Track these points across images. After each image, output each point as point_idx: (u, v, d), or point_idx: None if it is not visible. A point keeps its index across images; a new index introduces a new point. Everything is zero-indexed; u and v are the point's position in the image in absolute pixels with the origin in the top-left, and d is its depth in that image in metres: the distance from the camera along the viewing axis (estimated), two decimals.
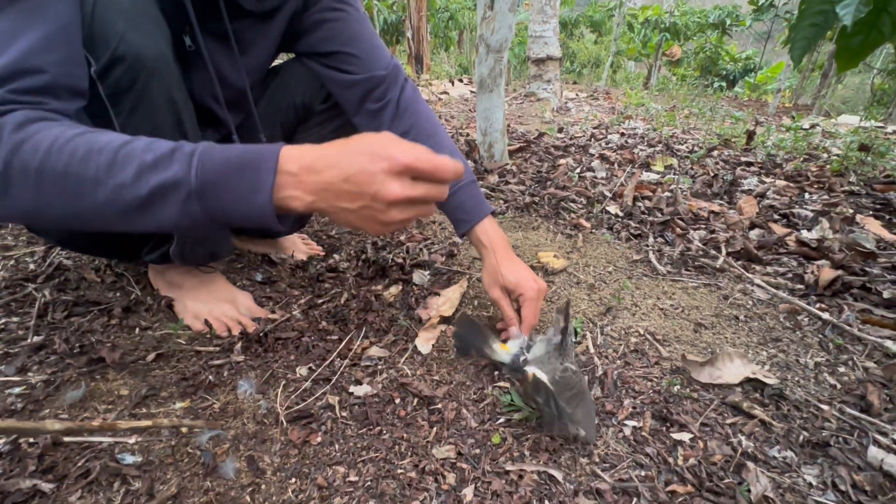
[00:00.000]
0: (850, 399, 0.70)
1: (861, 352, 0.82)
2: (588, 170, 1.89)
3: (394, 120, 0.91)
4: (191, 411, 0.71)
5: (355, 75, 0.89)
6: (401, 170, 0.47)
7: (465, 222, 0.89)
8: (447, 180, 0.50)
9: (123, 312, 0.93)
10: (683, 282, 1.04)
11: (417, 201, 0.49)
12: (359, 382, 0.79)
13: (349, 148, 0.49)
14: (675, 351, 0.81)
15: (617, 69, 10.90)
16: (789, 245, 1.21)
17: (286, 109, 0.97)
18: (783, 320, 0.91)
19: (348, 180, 0.47)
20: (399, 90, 0.92)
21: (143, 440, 0.65)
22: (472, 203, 0.89)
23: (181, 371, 0.80)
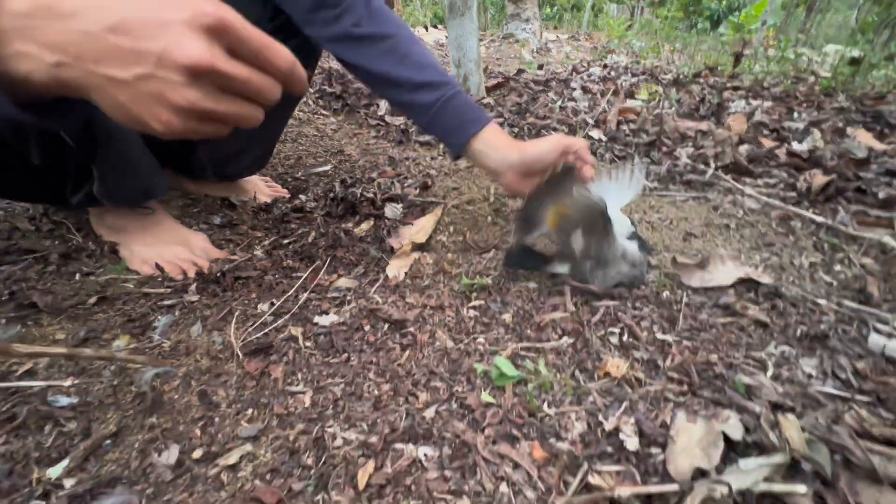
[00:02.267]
0: (848, 293, 0.66)
1: (857, 250, 0.77)
2: (570, 100, 1.79)
3: (360, 25, 0.75)
4: (136, 352, 0.64)
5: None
6: (211, 24, 0.32)
7: (474, 123, 0.75)
8: (279, 69, 0.37)
9: (61, 259, 0.84)
10: (671, 196, 0.98)
11: (233, 86, 0.35)
12: (325, 313, 0.72)
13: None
14: (664, 259, 0.75)
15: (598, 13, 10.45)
16: (780, 157, 1.15)
17: None
18: (776, 226, 0.86)
19: (118, 29, 0.31)
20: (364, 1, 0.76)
21: (81, 382, 0.58)
22: (475, 108, 0.77)
23: (127, 313, 0.72)
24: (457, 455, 0.46)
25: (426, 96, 0.76)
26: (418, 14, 9.07)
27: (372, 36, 0.76)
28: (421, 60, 0.77)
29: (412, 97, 0.77)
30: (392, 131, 1.63)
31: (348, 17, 0.75)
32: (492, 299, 0.72)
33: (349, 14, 0.75)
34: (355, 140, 1.58)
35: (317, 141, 1.56)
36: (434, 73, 0.77)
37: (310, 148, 1.50)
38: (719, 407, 0.48)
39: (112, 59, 0.32)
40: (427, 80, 0.76)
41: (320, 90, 2.07)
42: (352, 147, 1.50)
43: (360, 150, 1.47)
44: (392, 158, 1.37)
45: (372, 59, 0.76)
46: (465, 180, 1.14)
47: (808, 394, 0.49)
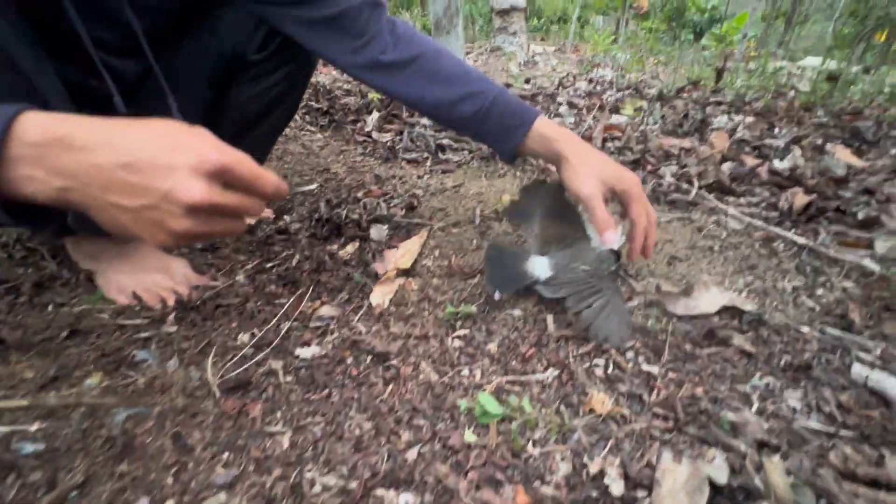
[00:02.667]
0: (830, 319, 0.66)
1: (838, 273, 0.78)
2: (556, 116, 1.80)
3: (385, 52, 0.74)
4: (109, 390, 0.62)
5: (325, 11, 0.71)
6: (213, 170, 0.38)
7: (519, 127, 0.73)
8: (267, 196, 0.42)
9: (34, 289, 0.81)
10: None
11: (227, 212, 0.40)
12: (306, 344, 0.70)
13: (137, 126, 0.38)
14: (648, 285, 0.75)
15: (585, 24, 10.64)
16: (762, 175, 1.17)
17: (214, 59, 0.81)
18: (759, 248, 0.87)
19: (130, 167, 0.36)
20: (385, 20, 0.74)
21: (49, 426, 0.55)
22: (517, 105, 0.75)
23: (101, 348, 0.70)
24: (439, 502, 0.45)
25: (464, 109, 0.74)
26: None
27: (398, 62, 0.74)
28: (450, 74, 0.75)
29: (451, 114, 0.76)
30: (379, 148, 1.62)
31: (374, 46, 0.73)
32: (477, 328, 0.71)
33: (374, 43, 0.73)
34: (342, 157, 1.57)
35: (303, 159, 1.55)
36: (465, 83, 0.74)
37: (295, 166, 1.49)
38: (705, 445, 0.48)
39: (120, 191, 0.36)
40: (460, 94, 0.74)
41: (307, 106, 2.06)
42: (338, 165, 1.49)
43: (347, 168, 1.46)
44: (378, 177, 1.36)
45: (402, 85, 0.75)
46: (451, 201, 1.14)
47: (793, 430, 0.49)
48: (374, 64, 0.74)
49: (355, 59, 0.74)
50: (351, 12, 0.71)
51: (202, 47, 0.80)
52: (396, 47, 0.74)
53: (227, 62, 0.82)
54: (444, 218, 1.05)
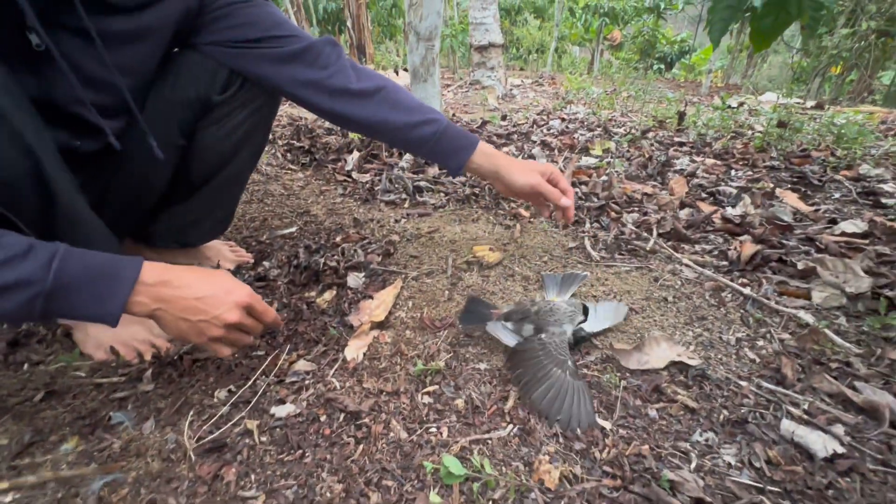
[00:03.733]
0: (766, 373, 0.73)
1: (778, 324, 0.85)
2: (529, 157, 1.89)
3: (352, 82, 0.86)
4: (85, 455, 0.63)
5: (290, 47, 0.83)
6: (245, 305, 0.66)
7: (467, 148, 0.92)
8: (268, 324, 0.71)
9: (9, 347, 0.82)
10: (616, 266, 1.05)
11: (243, 329, 0.67)
12: (282, 402, 0.73)
13: (206, 276, 0.64)
14: (604, 339, 0.81)
15: (562, 54, 11.10)
16: (715, 222, 1.26)
17: (181, 106, 0.86)
18: (709, 298, 0.94)
19: (201, 300, 0.62)
20: (346, 58, 0.89)
21: (23, 497, 0.57)
22: (463, 135, 0.93)
23: (77, 409, 0.71)
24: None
25: (424, 132, 0.89)
26: (392, 55, 9.39)
27: (366, 90, 0.86)
28: (410, 104, 0.90)
29: (411, 135, 0.90)
30: (359, 189, 1.67)
31: (341, 76, 0.85)
32: (446, 383, 0.75)
33: (341, 74, 0.85)
34: (322, 198, 1.62)
35: (283, 200, 1.59)
36: (423, 112, 0.90)
37: (276, 208, 1.52)
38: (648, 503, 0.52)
39: (191, 311, 0.62)
40: (420, 119, 0.89)
41: (289, 144, 2.11)
42: (318, 207, 1.54)
43: (326, 211, 1.51)
44: (357, 220, 1.41)
45: (369, 111, 0.88)
46: (425, 248, 1.19)
47: (726, 486, 0.54)
48: (344, 91, 0.86)
49: (321, 89, 0.85)
50: (315, 47, 0.84)
51: (169, 96, 0.86)
52: (361, 79, 0.87)
53: (192, 107, 0.88)
54: (418, 266, 1.09)
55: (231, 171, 1.01)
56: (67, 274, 0.52)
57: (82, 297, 0.53)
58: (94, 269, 0.54)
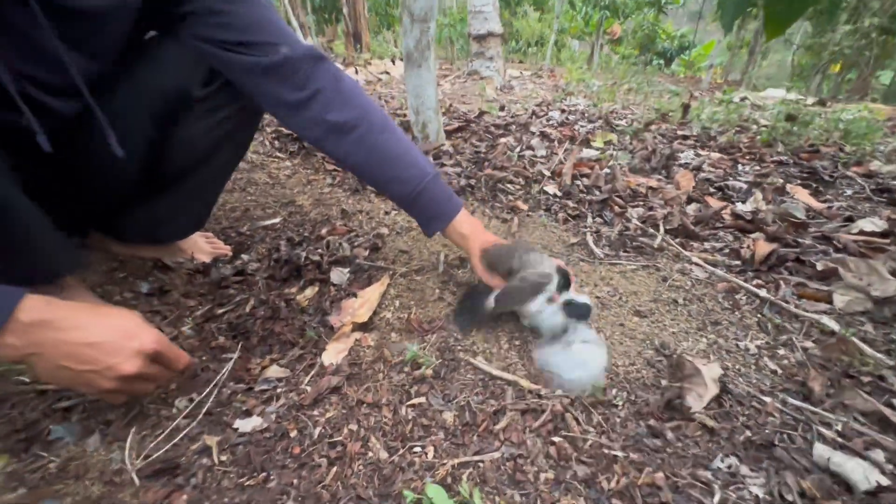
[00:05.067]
0: (791, 386, 0.65)
1: (799, 330, 0.78)
2: (528, 148, 1.81)
3: (329, 110, 0.74)
4: (14, 477, 0.55)
5: (264, 58, 0.70)
6: (150, 352, 0.55)
7: (438, 219, 0.81)
8: (177, 368, 0.60)
9: None
10: (622, 265, 0.97)
11: (148, 379, 0.57)
12: (248, 414, 0.65)
13: (101, 316, 0.54)
14: (612, 346, 0.73)
15: (561, 48, 10.97)
16: (725, 219, 1.18)
17: (154, 95, 0.77)
18: (722, 300, 0.86)
19: (93, 346, 0.52)
20: (329, 76, 0.75)
21: None
22: (442, 197, 0.81)
23: (14, 421, 0.62)
24: None
25: (393, 191, 0.80)
26: (390, 46, 9.21)
27: (343, 124, 0.75)
28: (387, 154, 0.78)
29: (380, 190, 0.83)
30: (348, 178, 1.58)
31: (318, 102, 0.74)
32: (433, 393, 0.67)
33: (319, 97, 0.74)
34: (309, 188, 1.53)
35: (267, 189, 1.50)
36: (399, 168, 0.78)
37: (259, 198, 1.43)
38: None
39: (74, 360, 0.51)
40: (391, 177, 0.79)
41: (277, 131, 2.01)
42: (304, 197, 1.45)
43: (313, 201, 1.42)
44: (345, 211, 1.32)
45: (344, 149, 0.77)
46: (416, 242, 1.11)
47: None
48: (317, 121, 0.75)
49: (298, 112, 0.74)
50: (291, 62, 0.71)
51: (143, 84, 0.76)
52: (343, 107, 0.74)
53: (169, 99, 0.78)
54: (408, 262, 1.01)
55: (209, 169, 0.92)
56: None
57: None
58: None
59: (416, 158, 0.79)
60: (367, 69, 4.29)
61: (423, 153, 1.70)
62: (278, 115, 0.76)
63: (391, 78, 4.21)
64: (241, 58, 0.70)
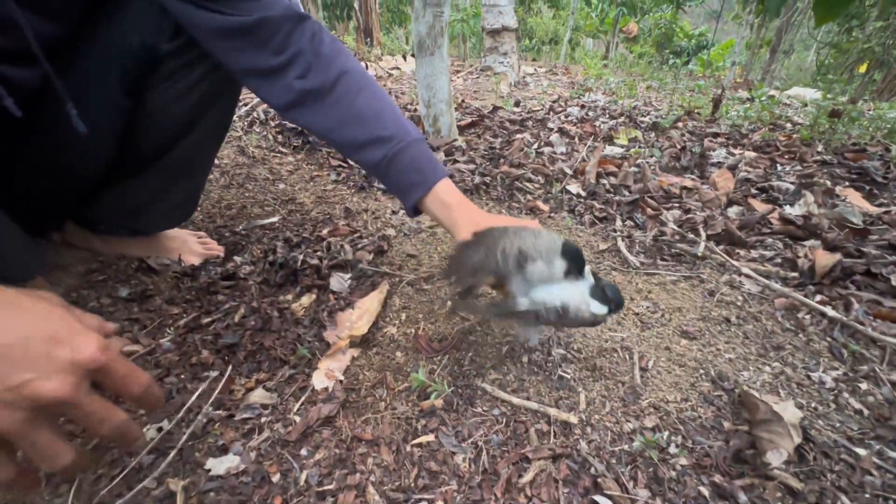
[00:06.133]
0: (886, 433, 0.53)
1: (881, 358, 0.65)
2: (546, 144, 1.69)
3: (308, 75, 0.64)
4: None
5: (237, 16, 0.60)
6: (88, 366, 0.34)
7: (419, 185, 0.66)
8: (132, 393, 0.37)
9: None
10: (660, 275, 0.85)
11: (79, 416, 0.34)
12: (224, 450, 0.55)
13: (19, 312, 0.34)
14: (658, 375, 0.61)
15: (575, 46, 10.79)
16: (773, 224, 1.05)
17: (120, 56, 0.67)
18: (781, 319, 0.74)
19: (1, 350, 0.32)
20: (310, 36, 0.65)
21: None
22: (425, 162, 0.67)
23: None
24: None
25: (368, 156, 0.67)
26: (401, 42, 9.12)
27: (319, 88, 0.65)
28: (363, 113, 0.67)
29: (357, 156, 0.68)
30: (354, 174, 1.48)
31: (294, 67, 0.64)
32: (444, 431, 0.56)
33: (296, 63, 0.64)
34: (311, 185, 1.43)
35: (267, 186, 1.40)
36: (375, 128, 0.66)
37: (257, 195, 1.33)
38: None
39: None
40: (368, 137, 0.66)
41: (280, 124, 1.91)
42: (306, 194, 1.35)
43: (315, 199, 1.32)
44: (349, 210, 1.22)
45: (319, 115, 0.66)
46: (425, 245, 1.00)
47: None
48: (293, 88, 0.64)
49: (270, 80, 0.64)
50: (269, 23, 0.61)
51: (105, 44, 0.66)
52: (317, 71, 0.65)
53: (136, 58, 0.68)
54: (416, 268, 0.90)
55: (190, 142, 0.82)
56: None
57: None
58: None
59: (397, 119, 0.68)
60: (377, 64, 4.20)
61: (435, 149, 1.60)
62: (248, 82, 0.66)
63: (402, 73, 4.11)
64: (210, 15, 0.60)
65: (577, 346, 0.66)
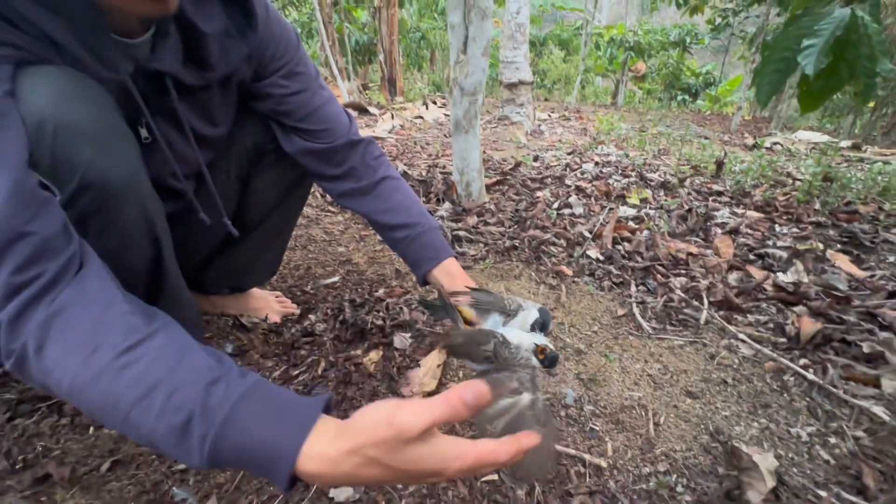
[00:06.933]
0: (845, 479, 0.69)
1: (849, 416, 0.81)
2: (566, 206, 1.90)
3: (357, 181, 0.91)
4: None
5: (313, 144, 0.87)
6: (466, 473, 0.43)
7: (431, 259, 0.88)
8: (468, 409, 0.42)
9: (75, 409, 0.85)
10: (669, 339, 1.03)
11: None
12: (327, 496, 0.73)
13: (392, 468, 0.41)
14: (668, 429, 0.78)
15: (586, 85, 11.22)
16: (767, 290, 1.22)
17: (238, 156, 0.92)
18: (770, 381, 0.91)
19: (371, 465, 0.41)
20: (359, 155, 0.91)
21: None
22: (439, 244, 0.89)
23: (140, 482, 0.72)
24: None
25: (396, 235, 0.91)
26: (419, 84, 9.65)
27: (365, 188, 0.91)
28: (396, 205, 0.92)
29: (386, 234, 0.93)
30: None
31: (349, 176, 0.91)
32: (504, 471, 0.73)
33: (351, 174, 0.90)
34: (362, 245, 1.64)
35: (325, 247, 1.62)
36: (404, 217, 0.91)
37: (318, 255, 1.55)
38: None
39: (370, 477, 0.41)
40: (397, 222, 0.91)
41: None
42: (359, 254, 1.56)
43: (367, 259, 1.53)
44: (398, 271, 1.42)
45: (364, 205, 0.92)
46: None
47: None
48: (348, 189, 0.92)
49: (334, 185, 0.92)
50: (333, 150, 0.88)
51: (231, 149, 0.91)
52: (365, 176, 0.91)
53: (251, 157, 0.94)
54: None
55: (281, 214, 1.06)
56: (221, 459, 0.41)
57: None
58: (248, 455, 0.41)
59: (421, 212, 0.92)
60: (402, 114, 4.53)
61: (467, 210, 1.82)
62: (317, 181, 0.95)
63: (425, 123, 4.43)
64: (294, 138, 0.87)
65: (603, 404, 0.84)
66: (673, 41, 9.64)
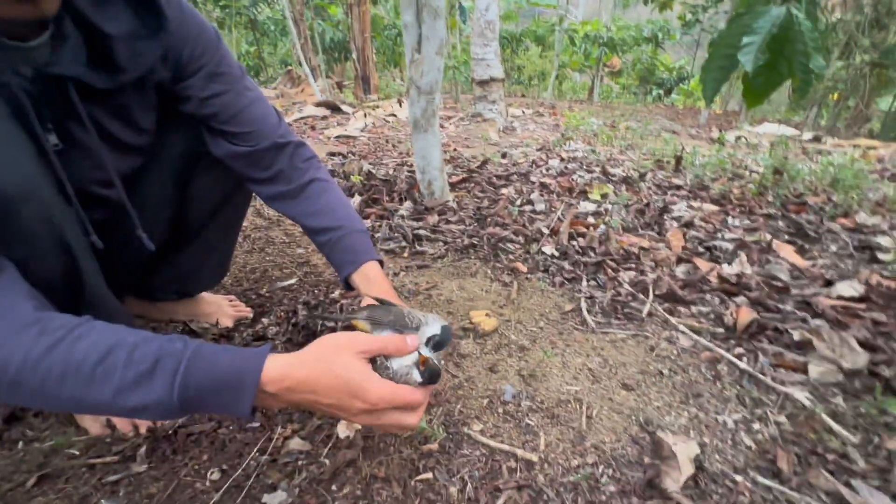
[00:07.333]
0: (763, 464, 0.72)
1: (774, 403, 0.85)
2: (528, 202, 1.91)
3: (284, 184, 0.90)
4: None
5: (238, 147, 0.86)
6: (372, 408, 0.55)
7: (351, 263, 0.88)
8: None
9: (5, 423, 0.82)
10: (612, 333, 1.05)
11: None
12: (273, 488, 0.73)
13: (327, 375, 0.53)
14: (600, 421, 0.80)
15: (563, 80, 11.31)
16: (712, 282, 1.26)
17: (172, 161, 0.90)
18: (704, 370, 0.94)
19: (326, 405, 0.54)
20: (289, 157, 0.90)
21: None
22: (360, 247, 0.89)
23: (69, 495, 0.71)
24: None
25: (319, 238, 0.92)
26: (396, 83, 9.59)
27: (292, 191, 0.91)
28: (322, 209, 0.92)
29: (313, 238, 0.93)
30: None
31: (277, 179, 0.90)
32: (439, 469, 0.74)
33: (278, 177, 0.90)
34: None
35: (284, 249, 1.61)
36: (328, 220, 0.91)
37: (276, 258, 1.54)
38: None
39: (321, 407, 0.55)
40: (321, 226, 0.91)
41: None
42: (318, 256, 1.55)
43: (326, 261, 1.52)
44: None
45: (292, 208, 0.92)
46: (423, 308, 1.20)
47: None
48: (273, 192, 0.91)
49: (263, 188, 0.92)
50: (259, 153, 0.87)
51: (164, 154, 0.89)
52: (293, 179, 0.90)
53: (187, 162, 0.92)
54: None
55: (224, 217, 1.05)
56: (192, 386, 0.49)
57: (210, 405, 0.52)
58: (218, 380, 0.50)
59: (348, 215, 0.92)
60: (374, 113, 4.50)
61: (430, 209, 1.82)
62: (247, 184, 0.95)
63: (398, 121, 4.41)
64: (220, 141, 0.86)
65: (540, 399, 0.86)
66: (646, 37, 9.78)
